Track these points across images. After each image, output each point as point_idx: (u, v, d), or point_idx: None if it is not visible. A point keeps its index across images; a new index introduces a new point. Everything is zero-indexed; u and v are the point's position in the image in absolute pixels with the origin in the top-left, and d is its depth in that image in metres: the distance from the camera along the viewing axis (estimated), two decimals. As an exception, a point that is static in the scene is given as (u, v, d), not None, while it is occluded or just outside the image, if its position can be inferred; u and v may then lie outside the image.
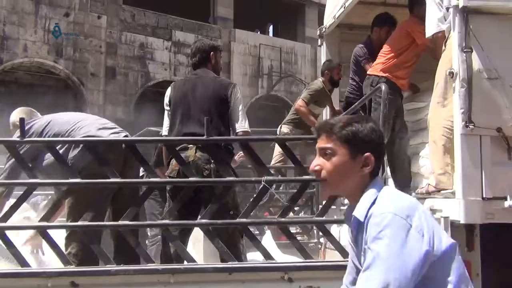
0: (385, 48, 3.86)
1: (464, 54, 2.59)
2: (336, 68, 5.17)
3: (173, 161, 2.76)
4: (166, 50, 13.81)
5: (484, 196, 2.55)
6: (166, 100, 3.10)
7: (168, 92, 3.15)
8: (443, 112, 2.91)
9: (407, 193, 3.27)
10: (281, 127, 5.48)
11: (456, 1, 2.62)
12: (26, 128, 2.62)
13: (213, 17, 15.40)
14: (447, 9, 2.70)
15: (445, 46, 3.00)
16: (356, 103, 3.67)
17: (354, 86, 4.41)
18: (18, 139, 2.37)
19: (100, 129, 2.86)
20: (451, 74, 2.64)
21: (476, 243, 2.59)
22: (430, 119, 3.04)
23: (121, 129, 3.01)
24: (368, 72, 3.93)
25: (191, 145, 2.74)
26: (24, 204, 4.19)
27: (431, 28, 3.13)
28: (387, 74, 3.66)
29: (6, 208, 2.52)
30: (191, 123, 2.87)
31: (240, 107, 2.96)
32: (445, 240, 1.31)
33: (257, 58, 15.71)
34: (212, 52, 3.22)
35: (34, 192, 2.68)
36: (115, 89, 12.88)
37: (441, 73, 2.98)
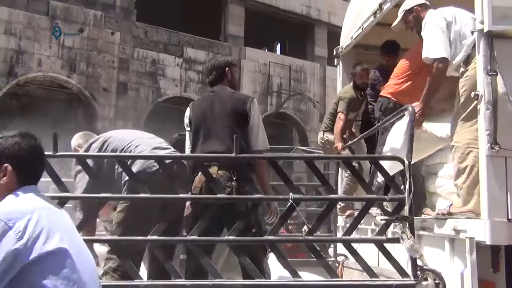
0: (397, 70, 3.93)
1: (489, 77, 2.64)
2: (359, 72, 5.02)
3: (196, 179, 2.79)
4: (177, 67, 13.97)
5: (509, 217, 2.56)
6: (186, 120, 3.14)
7: (187, 112, 3.19)
8: (467, 133, 2.94)
9: (419, 212, 3.27)
10: (323, 133, 5.39)
11: (481, 25, 2.67)
12: (85, 147, 2.73)
13: (224, 35, 15.60)
14: (472, 33, 2.75)
15: (465, 68, 3.04)
16: (373, 128, 3.70)
17: (371, 108, 4.47)
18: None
19: (154, 148, 2.91)
20: (476, 96, 2.68)
21: (502, 264, 2.59)
22: (454, 140, 3.06)
23: (174, 149, 3.06)
24: (380, 94, 4.01)
25: (213, 163, 2.76)
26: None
27: (433, 52, 3.14)
28: (396, 99, 3.73)
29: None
30: (212, 142, 2.89)
31: (260, 123, 2.99)
32: (53, 244, 1.39)
33: (267, 76, 15.84)
34: (227, 68, 3.27)
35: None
36: (127, 104, 12.99)
37: (463, 95, 3.01)
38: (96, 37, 12.58)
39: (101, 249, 3.23)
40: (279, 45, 20.62)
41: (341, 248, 3.98)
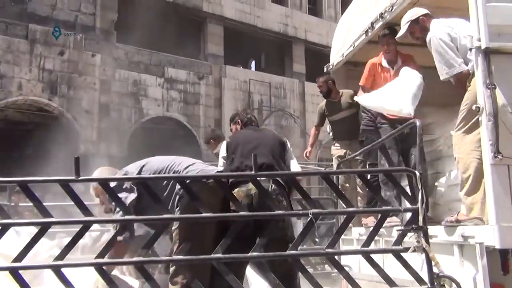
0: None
1: (489, 90, 2.80)
2: (317, 82, 5.51)
3: (236, 193, 2.87)
4: (159, 87, 13.98)
5: (515, 222, 2.70)
6: (223, 152, 3.34)
7: (224, 146, 3.56)
8: (468, 144, 3.08)
9: (428, 222, 3.39)
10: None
11: (479, 42, 2.84)
12: (121, 174, 2.74)
13: (204, 54, 15.73)
14: (470, 49, 2.91)
15: (469, 83, 3.19)
16: (383, 138, 3.83)
17: (369, 118, 4.60)
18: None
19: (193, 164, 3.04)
20: (478, 109, 2.84)
21: (511, 266, 2.72)
22: (456, 152, 3.20)
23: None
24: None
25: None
26: (50, 243, 4.18)
27: (450, 71, 3.24)
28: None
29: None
30: (258, 155, 3.05)
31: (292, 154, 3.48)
32: None
33: (248, 93, 16.01)
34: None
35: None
36: (109, 125, 12.90)
37: (465, 108, 3.16)
38: (77, 60, 12.52)
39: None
40: (253, 62, 20.89)
41: (344, 260, 4.08)
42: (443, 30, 3.28)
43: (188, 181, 2.50)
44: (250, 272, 3.31)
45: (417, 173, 2.65)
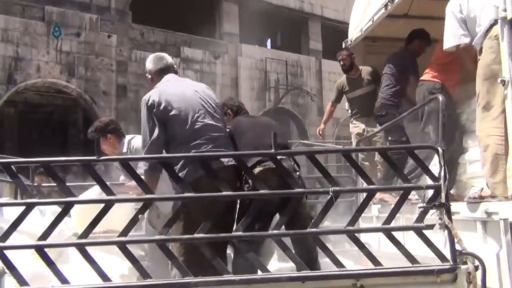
0: (437, 56, 4.01)
1: (515, 63, 2.71)
2: (338, 57, 5.43)
3: (255, 170, 2.87)
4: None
5: (540, 198, 2.65)
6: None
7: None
8: (490, 121, 3.01)
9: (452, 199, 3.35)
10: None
11: (504, 13, 2.74)
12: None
13: (219, 33, 15.61)
14: (496, 20, 2.81)
15: (479, 56, 3.14)
16: (410, 111, 3.74)
17: (391, 93, 4.53)
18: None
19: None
20: (503, 82, 2.75)
21: (535, 243, 2.67)
22: (478, 128, 3.14)
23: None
24: (422, 78, 4.07)
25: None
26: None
27: (451, 40, 3.34)
28: (441, 81, 3.82)
29: None
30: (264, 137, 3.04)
31: None
32: None
33: (264, 72, 15.89)
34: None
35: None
36: (127, 106, 12.99)
37: (481, 82, 3.10)
38: (93, 41, 12.56)
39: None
40: (269, 40, 20.68)
41: (363, 238, 4.07)
42: (456, 1, 3.28)
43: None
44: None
45: (440, 150, 2.60)
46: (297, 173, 2.80)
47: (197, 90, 3.09)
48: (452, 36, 3.36)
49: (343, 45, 5.62)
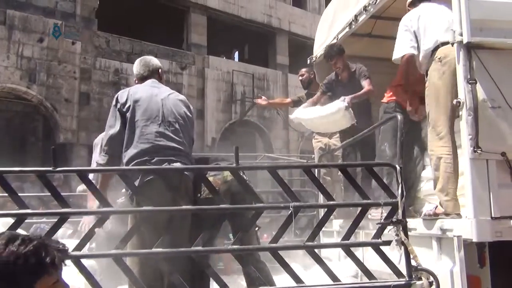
0: (395, 78, 4.13)
1: (470, 85, 2.82)
2: (299, 72, 5.84)
3: (213, 180, 2.85)
4: (141, 76, 13.79)
5: (492, 215, 2.74)
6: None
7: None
8: (438, 140, 3.13)
9: (409, 215, 3.43)
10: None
11: (460, 37, 2.85)
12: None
13: (187, 44, 15.56)
14: (452, 44, 2.93)
15: (426, 77, 3.28)
16: (369, 129, 3.84)
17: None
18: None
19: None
20: (458, 103, 2.86)
21: (487, 259, 2.76)
22: (429, 148, 3.26)
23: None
24: (382, 100, 4.19)
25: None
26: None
27: (400, 51, 3.49)
28: (395, 99, 3.93)
29: None
30: None
31: None
32: None
33: (230, 84, 15.92)
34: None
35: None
36: (89, 115, 12.70)
37: (429, 103, 3.23)
38: (57, 47, 12.25)
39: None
40: (237, 53, 20.77)
41: (324, 252, 4.10)
42: (408, 17, 3.47)
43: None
44: None
45: (397, 167, 2.66)
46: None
47: (164, 98, 3.07)
48: (401, 47, 3.49)
49: (308, 62, 5.71)
